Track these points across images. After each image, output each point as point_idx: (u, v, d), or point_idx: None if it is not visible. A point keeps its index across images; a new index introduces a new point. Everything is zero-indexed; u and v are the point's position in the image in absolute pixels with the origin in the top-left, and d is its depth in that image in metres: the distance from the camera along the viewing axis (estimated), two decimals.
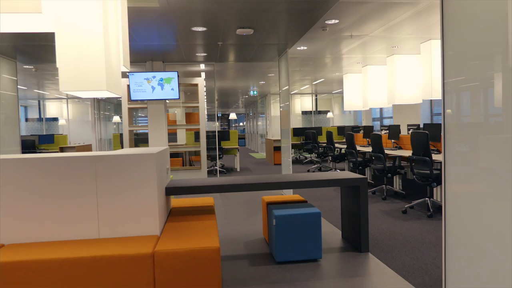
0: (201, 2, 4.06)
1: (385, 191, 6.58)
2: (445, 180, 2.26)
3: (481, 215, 1.96)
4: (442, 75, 2.27)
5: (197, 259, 2.53)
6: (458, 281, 2.16)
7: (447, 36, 2.23)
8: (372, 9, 4.58)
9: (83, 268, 2.42)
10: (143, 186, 2.88)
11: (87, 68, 2.84)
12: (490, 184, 1.89)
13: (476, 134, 2.01)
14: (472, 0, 2.00)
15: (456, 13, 2.15)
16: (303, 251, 3.43)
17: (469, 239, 2.06)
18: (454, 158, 2.19)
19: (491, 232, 1.89)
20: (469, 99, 2.10)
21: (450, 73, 2.21)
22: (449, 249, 2.23)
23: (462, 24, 2.10)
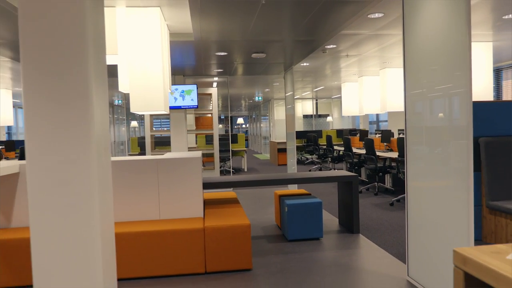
0: (226, 36, 5.10)
1: (377, 188, 7.62)
2: (406, 176, 3.31)
3: (430, 204, 3.01)
4: (404, 89, 3.30)
5: (235, 232, 3.57)
6: (416, 249, 3.20)
7: (407, 59, 3.27)
8: (365, 37, 5.61)
9: (156, 238, 3.46)
10: (191, 181, 3.92)
11: (151, 95, 3.88)
12: (440, 179, 2.94)
13: (430, 138, 3.06)
14: (423, 35, 3.05)
15: (412, 42, 3.20)
16: (308, 231, 4.47)
17: (423, 221, 3.10)
18: (412, 157, 3.24)
19: (435, 215, 2.94)
20: (422, 107, 3.15)
21: (409, 87, 3.25)
22: (410, 229, 3.27)
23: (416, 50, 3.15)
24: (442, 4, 2.79)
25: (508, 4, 4.33)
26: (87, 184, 1.64)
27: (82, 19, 1.68)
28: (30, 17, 1.64)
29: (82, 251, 1.67)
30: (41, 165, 1.62)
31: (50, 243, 1.65)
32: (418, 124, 3.20)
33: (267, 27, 4.78)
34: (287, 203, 4.48)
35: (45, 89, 1.63)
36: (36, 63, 1.64)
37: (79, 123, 1.64)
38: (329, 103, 18.92)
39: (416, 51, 3.14)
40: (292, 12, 4.20)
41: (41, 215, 1.63)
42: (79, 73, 1.65)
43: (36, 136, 1.62)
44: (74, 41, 1.66)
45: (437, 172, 2.92)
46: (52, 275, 1.67)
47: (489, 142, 4.21)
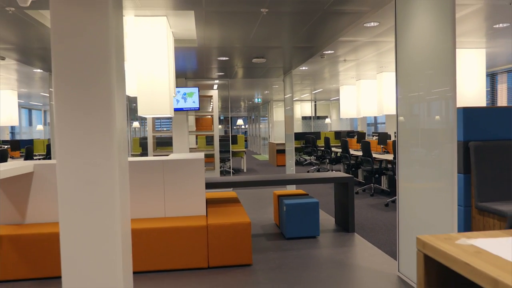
0: (228, 42, 5.32)
1: (373, 189, 7.83)
2: (398, 178, 3.52)
3: (419, 204, 3.23)
4: (396, 94, 3.52)
5: (236, 230, 3.78)
6: (406, 246, 3.41)
7: (399, 66, 3.49)
8: (362, 43, 5.83)
9: (162, 235, 3.67)
10: (195, 181, 4.13)
11: (157, 99, 4.09)
12: (428, 181, 3.16)
13: (419, 141, 3.28)
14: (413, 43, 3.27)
15: (403, 50, 3.42)
16: (306, 230, 4.68)
17: (413, 221, 3.32)
18: (403, 160, 3.46)
19: (423, 215, 3.16)
20: (412, 112, 3.37)
21: (400, 92, 3.47)
22: (401, 228, 3.48)
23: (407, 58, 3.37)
24: (430, 16, 3.00)
25: (498, 15, 4.55)
26: (109, 183, 1.85)
27: (106, 36, 1.89)
28: (61, 35, 1.85)
29: (105, 243, 1.88)
30: (70, 166, 1.83)
31: (77, 236, 1.86)
32: (408, 127, 3.41)
33: (267, 35, 4.99)
34: (285, 202, 4.69)
35: (74, 99, 1.84)
36: (66, 76, 1.85)
37: (103, 130, 1.85)
38: (328, 105, 19.15)
39: (407, 59, 3.35)
40: (291, 22, 4.41)
41: (69, 211, 1.84)
42: (103, 86, 1.86)
43: (65, 141, 1.83)
44: (99, 57, 1.87)
45: (425, 174, 3.14)
46: (78, 264, 1.87)
47: (478, 146, 4.43)
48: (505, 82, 9.60)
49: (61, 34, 1.86)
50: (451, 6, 2.78)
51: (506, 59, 7.93)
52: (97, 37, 1.88)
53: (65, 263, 1.89)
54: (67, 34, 1.86)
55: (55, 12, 1.88)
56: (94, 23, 1.87)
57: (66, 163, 1.84)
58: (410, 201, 3.36)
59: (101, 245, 1.88)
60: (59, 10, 1.87)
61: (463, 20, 4.72)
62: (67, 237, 1.86)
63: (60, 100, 1.85)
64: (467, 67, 6.44)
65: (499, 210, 3.99)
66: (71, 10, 1.86)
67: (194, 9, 3.73)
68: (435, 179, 3.00)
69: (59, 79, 1.86)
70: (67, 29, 1.85)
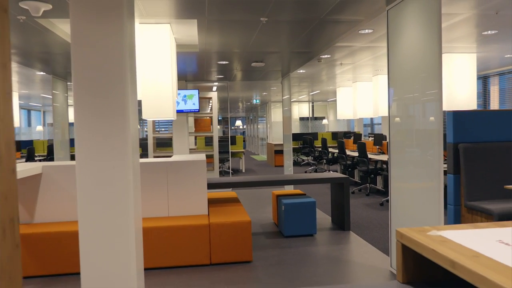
0: (228, 48, 5.51)
1: (369, 189, 8.04)
2: (390, 178, 3.72)
3: (409, 203, 3.43)
4: (388, 98, 3.72)
5: (237, 228, 3.97)
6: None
7: (391, 71, 3.69)
8: (357, 48, 6.03)
9: (166, 233, 3.86)
10: (197, 181, 4.32)
11: (161, 103, 4.27)
12: (417, 181, 3.36)
13: (409, 143, 3.48)
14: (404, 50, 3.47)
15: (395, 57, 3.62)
16: (303, 228, 4.88)
17: (404, 219, 3.52)
18: (395, 161, 3.66)
19: (413, 213, 3.36)
20: (403, 115, 3.57)
21: (392, 96, 3.67)
22: (393, 225, 3.68)
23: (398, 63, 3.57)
24: (419, 26, 3.21)
25: (486, 23, 4.76)
26: (124, 183, 2.03)
27: (121, 47, 2.08)
28: (80, 46, 2.04)
29: (120, 240, 2.06)
30: (88, 168, 2.02)
31: (95, 233, 2.04)
32: (399, 129, 3.62)
33: (266, 41, 5.19)
34: (284, 202, 4.89)
35: (92, 106, 2.03)
36: (85, 85, 2.03)
37: (118, 134, 2.04)
38: (325, 106, 19.37)
39: (398, 64, 3.56)
40: (289, 29, 4.61)
41: (87, 210, 2.03)
42: (118, 93, 2.05)
43: (84, 145, 2.02)
44: (115, 66, 2.06)
45: (415, 174, 3.34)
46: (96, 259, 2.06)
47: (467, 148, 4.64)
48: (497, 84, 9.83)
49: (81, 45, 2.05)
50: (437, 17, 2.99)
51: (498, 63, 8.16)
52: (113, 48, 2.06)
53: (83, 258, 2.07)
54: (86, 45, 2.05)
55: (75, 25, 2.06)
56: (111, 35, 2.06)
57: (84, 165, 2.03)
58: (401, 200, 3.56)
59: (116, 241, 2.07)
60: (79, 23, 2.05)
61: (453, 27, 4.92)
62: (86, 234, 2.05)
63: (79, 107, 2.04)
64: (459, 71, 6.65)
65: (487, 208, 4.20)
66: (90, 23, 2.05)
67: (197, 17, 3.92)
68: (424, 179, 3.20)
69: (79, 88, 2.04)
70: (86, 40, 2.04)
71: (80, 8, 2.03)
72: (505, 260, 0.91)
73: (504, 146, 4.65)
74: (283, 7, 3.73)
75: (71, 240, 3.75)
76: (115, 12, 2.06)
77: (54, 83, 7.65)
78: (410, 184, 3.42)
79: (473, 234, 1.14)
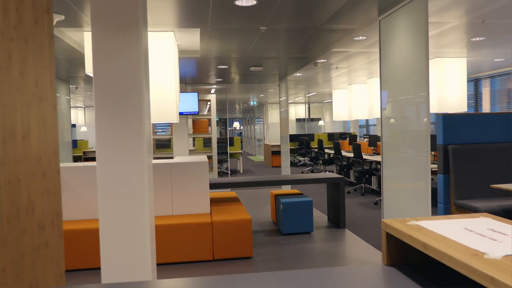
0: (228, 53, 5.73)
1: (364, 189, 8.28)
2: (382, 178, 3.95)
3: (400, 202, 3.66)
4: (380, 102, 3.95)
5: (238, 226, 4.19)
6: None
7: (382, 76, 3.93)
8: (352, 53, 6.26)
9: (171, 231, 4.07)
10: (199, 181, 4.53)
11: (165, 107, 4.48)
12: (407, 180, 3.59)
13: (399, 145, 3.71)
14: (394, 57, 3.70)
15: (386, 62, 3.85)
16: (301, 226, 5.10)
17: (395, 217, 3.75)
18: (387, 162, 3.89)
19: (403, 212, 3.59)
20: (394, 118, 3.80)
21: (384, 100, 3.90)
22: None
23: (390, 69, 3.80)
24: (408, 35, 3.44)
25: (474, 30, 5.00)
26: (140, 183, 2.25)
27: (138, 58, 2.29)
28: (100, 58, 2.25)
29: (137, 234, 2.28)
30: (108, 169, 2.23)
31: (114, 228, 2.26)
32: (390, 131, 3.85)
33: (265, 47, 5.41)
34: (282, 201, 5.11)
35: (111, 113, 2.24)
36: (105, 93, 2.25)
37: (135, 138, 2.25)
38: (321, 107, 19.62)
39: (389, 70, 3.79)
40: (287, 37, 4.84)
41: (107, 207, 2.24)
42: (135, 101, 2.26)
43: (104, 148, 2.23)
44: (132, 76, 2.27)
45: (405, 174, 3.57)
46: (115, 252, 2.27)
47: (456, 149, 4.88)
48: (488, 87, 10.12)
49: (101, 57, 2.26)
50: (424, 27, 3.22)
51: (489, 66, 8.42)
52: (130, 59, 2.28)
53: (103, 252, 2.28)
54: (106, 56, 2.26)
55: (96, 39, 2.27)
56: (128, 47, 2.27)
57: (105, 166, 2.24)
58: (393, 199, 3.79)
59: (134, 236, 2.28)
60: (100, 37, 2.27)
61: (444, 34, 5.17)
62: (106, 230, 2.26)
63: (100, 113, 2.26)
64: (449, 74, 6.90)
65: (474, 206, 4.45)
66: (109, 37, 2.26)
67: (200, 26, 4.14)
68: (413, 178, 3.43)
69: (99, 95, 2.26)
70: (106, 52, 2.25)
71: (101, 23, 2.25)
72: (466, 243, 1.14)
73: (491, 148, 4.90)
74: (281, 17, 3.96)
75: (86, 237, 3.95)
76: (133, 26, 2.27)
77: (57, 86, 7.83)
78: (401, 184, 3.65)
79: (444, 223, 1.37)
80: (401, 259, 1.43)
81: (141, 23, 2.31)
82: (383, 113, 3.97)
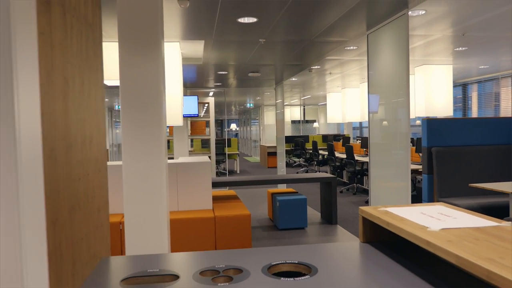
0: (228, 62, 6.12)
1: (355, 188, 8.70)
2: (369, 178, 4.36)
3: (384, 201, 4.07)
4: (368, 107, 4.36)
5: (238, 220, 4.58)
6: None
7: (370, 83, 4.33)
8: (345, 61, 6.67)
9: (177, 225, 4.45)
10: (203, 180, 4.92)
11: (171, 111, 4.85)
12: (390, 181, 4.00)
13: (384, 147, 4.12)
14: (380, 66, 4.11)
15: (373, 71, 4.26)
16: (295, 222, 5.50)
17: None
18: (373, 163, 4.30)
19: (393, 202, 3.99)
20: (379, 122, 4.21)
21: (371, 106, 4.31)
22: None
23: (377, 76, 4.21)
24: (392, 47, 3.85)
25: (456, 42, 5.43)
26: (159, 180, 2.63)
27: (158, 72, 2.68)
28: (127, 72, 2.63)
29: (157, 225, 2.66)
30: (132, 168, 2.61)
31: (138, 221, 2.64)
32: (376, 134, 4.26)
33: (263, 56, 5.81)
34: (278, 199, 5.50)
35: (136, 119, 2.63)
36: (130, 102, 2.63)
37: (155, 141, 2.63)
38: (316, 109, 20.06)
39: (376, 78, 4.20)
40: (284, 47, 5.24)
41: (132, 202, 2.62)
42: (156, 109, 2.64)
43: (129, 149, 2.61)
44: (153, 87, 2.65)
45: (388, 174, 3.98)
46: (138, 242, 2.65)
47: (439, 151, 5.30)
48: (476, 91, 10.58)
49: (128, 71, 2.64)
50: (405, 41, 3.63)
51: (476, 72, 8.87)
52: (152, 72, 2.66)
53: (128, 242, 2.66)
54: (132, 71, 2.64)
55: (123, 55, 2.65)
56: (150, 62, 2.65)
57: (130, 165, 2.62)
58: (378, 197, 4.19)
59: (154, 228, 2.66)
60: (126, 54, 2.64)
61: (429, 44, 5.59)
62: (130, 221, 2.64)
63: (125, 119, 2.64)
64: (436, 80, 7.33)
65: (455, 204, 4.86)
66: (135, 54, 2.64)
67: (205, 39, 4.53)
68: (396, 178, 3.84)
69: (125, 104, 2.64)
70: (132, 67, 2.63)
71: (126, 39, 2.63)
72: (417, 221, 1.54)
73: (471, 150, 5.32)
74: (279, 31, 4.35)
75: None
76: (154, 40, 2.65)
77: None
78: (385, 183, 4.06)
79: (406, 209, 1.77)
80: (374, 237, 1.83)
81: (160, 37, 2.70)
82: (370, 117, 4.38)
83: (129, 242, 2.65)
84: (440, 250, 1.24)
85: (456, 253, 1.16)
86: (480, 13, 4.01)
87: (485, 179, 5.26)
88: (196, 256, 1.68)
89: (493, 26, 4.57)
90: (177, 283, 1.39)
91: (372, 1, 3.46)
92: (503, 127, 5.34)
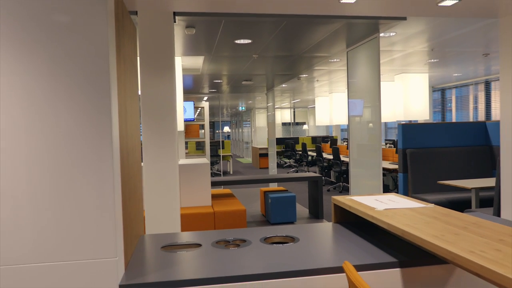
0: (224, 72, 6.72)
1: (342, 187, 9.35)
2: (350, 178, 4.98)
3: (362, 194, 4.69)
4: (348, 113, 4.99)
5: (235, 215, 5.18)
6: None
7: (350, 90, 4.96)
8: (330, 70, 7.31)
9: (181, 219, 5.03)
10: (203, 179, 5.50)
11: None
12: (365, 180, 4.63)
13: (360, 150, 4.76)
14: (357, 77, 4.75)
15: (352, 81, 4.89)
16: (286, 216, 6.11)
17: None
18: (353, 164, 4.93)
19: None
20: (358, 127, 4.84)
21: (351, 111, 4.94)
22: None
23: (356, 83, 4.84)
24: (366, 62, 4.49)
25: (427, 55, 6.09)
26: (174, 178, 3.21)
27: (172, 88, 3.27)
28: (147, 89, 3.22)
29: (171, 219, 3.24)
30: (151, 169, 3.20)
31: (157, 215, 3.22)
32: (355, 137, 4.89)
33: (255, 68, 6.43)
34: (270, 196, 6.12)
35: (154, 127, 3.21)
36: (150, 113, 3.22)
37: (170, 145, 3.22)
38: (305, 112, 20.73)
39: (354, 87, 4.83)
40: (274, 61, 5.86)
41: (152, 198, 3.20)
42: (171, 118, 3.23)
43: (149, 152, 3.19)
44: (168, 100, 3.24)
45: (364, 174, 4.61)
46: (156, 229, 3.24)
47: (413, 152, 5.95)
48: (453, 95, 11.32)
49: (148, 88, 3.23)
50: (377, 58, 4.27)
51: (453, 78, 9.58)
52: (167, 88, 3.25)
53: (148, 231, 3.24)
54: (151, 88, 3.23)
55: (144, 76, 3.23)
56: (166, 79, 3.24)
57: (150, 166, 3.21)
58: (357, 194, 4.82)
59: (170, 220, 3.25)
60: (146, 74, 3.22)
61: (407, 56, 6.24)
62: (150, 216, 3.22)
63: (146, 126, 3.22)
64: (413, 87, 8.00)
65: (426, 199, 5.52)
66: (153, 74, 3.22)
67: (205, 55, 5.13)
68: (370, 177, 4.47)
69: (146, 114, 3.22)
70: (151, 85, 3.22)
71: (147, 67, 3.22)
72: (370, 204, 2.16)
73: (441, 151, 5.99)
74: (270, 49, 4.97)
75: None
76: (169, 58, 3.24)
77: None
78: (363, 182, 4.69)
79: (366, 198, 2.39)
80: (343, 219, 2.45)
81: (172, 63, 3.29)
82: (349, 123, 5.01)
83: (149, 231, 3.24)
84: (379, 221, 1.86)
85: (387, 222, 1.79)
86: (444, 33, 4.66)
87: (453, 177, 5.91)
88: (211, 232, 2.29)
89: (457, 43, 5.24)
90: (201, 248, 2.00)
91: (350, 26, 4.09)
92: (469, 131, 6.00)
